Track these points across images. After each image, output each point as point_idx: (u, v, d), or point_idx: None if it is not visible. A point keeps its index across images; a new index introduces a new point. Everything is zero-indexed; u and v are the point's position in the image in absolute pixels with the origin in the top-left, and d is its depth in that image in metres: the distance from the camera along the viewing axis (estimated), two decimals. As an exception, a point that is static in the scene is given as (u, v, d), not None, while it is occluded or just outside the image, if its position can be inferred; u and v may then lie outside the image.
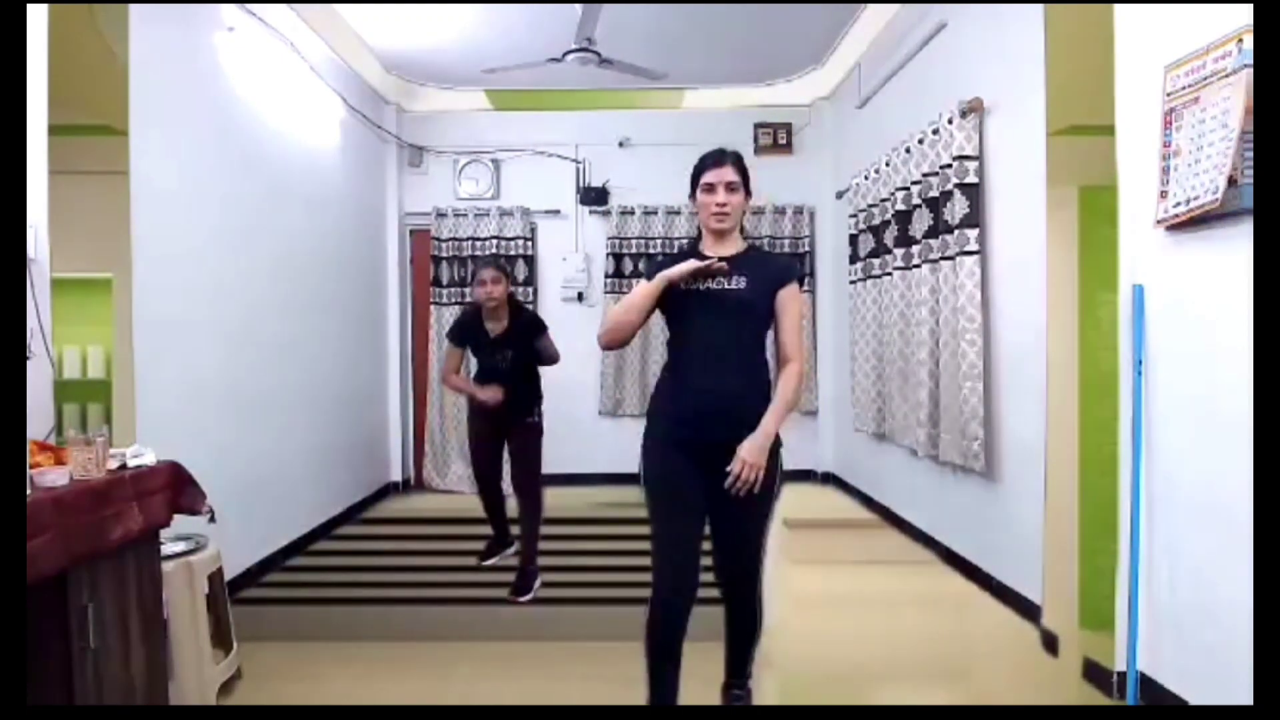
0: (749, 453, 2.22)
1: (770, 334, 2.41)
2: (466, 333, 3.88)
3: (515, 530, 3.97)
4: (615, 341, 2.43)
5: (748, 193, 2.40)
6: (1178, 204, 2.32)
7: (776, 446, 2.34)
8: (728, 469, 2.23)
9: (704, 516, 2.37)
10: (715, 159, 2.38)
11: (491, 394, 3.73)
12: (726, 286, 2.33)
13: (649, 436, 2.42)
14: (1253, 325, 2.06)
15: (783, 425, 2.33)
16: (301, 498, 4.58)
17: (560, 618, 3.58)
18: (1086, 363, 3.22)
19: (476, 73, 5.36)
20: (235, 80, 3.86)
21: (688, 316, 2.36)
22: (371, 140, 5.84)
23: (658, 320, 2.52)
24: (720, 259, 2.33)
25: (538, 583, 3.79)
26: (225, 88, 3.80)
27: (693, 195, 2.42)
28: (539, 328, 3.88)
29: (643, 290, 2.34)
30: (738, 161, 2.39)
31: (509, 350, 3.80)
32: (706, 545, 2.38)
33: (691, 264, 2.31)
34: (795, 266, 2.50)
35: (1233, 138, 2.10)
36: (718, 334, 2.33)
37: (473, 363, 4.02)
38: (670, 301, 2.36)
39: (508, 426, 3.89)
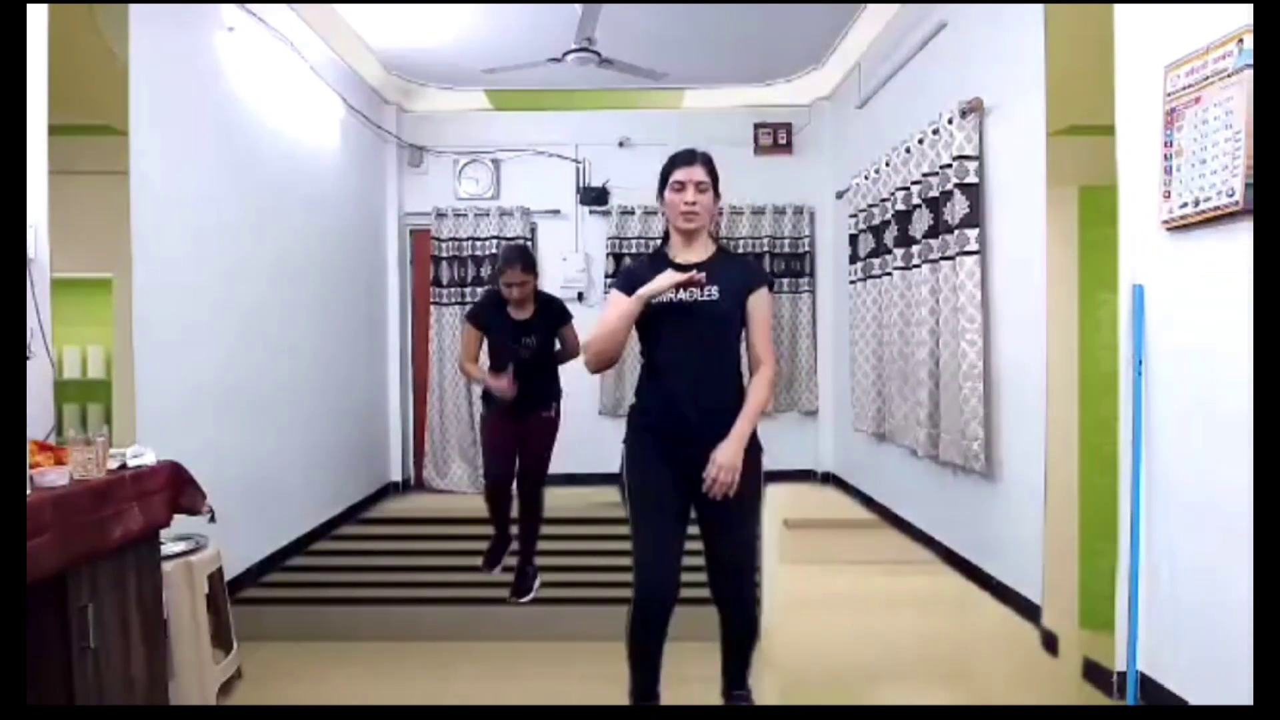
0: (723, 455, 2.23)
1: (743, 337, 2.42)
2: (488, 316, 3.71)
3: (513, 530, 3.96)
4: (603, 364, 2.38)
5: (717, 194, 2.37)
6: (1184, 205, 2.32)
7: (757, 452, 2.36)
8: (704, 474, 2.23)
9: (685, 523, 2.37)
10: (685, 158, 2.34)
11: (505, 385, 3.56)
12: (699, 298, 2.29)
13: (629, 444, 2.43)
14: (1253, 325, 2.06)
15: (763, 423, 2.35)
16: (301, 498, 4.58)
17: (560, 618, 3.58)
18: (1086, 363, 3.22)
19: (476, 73, 5.37)
20: (235, 80, 3.86)
21: (662, 328, 2.34)
22: (371, 140, 5.84)
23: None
24: (693, 266, 2.30)
25: (537, 583, 3.78)
26: (225, 88, 3.80)
27: (661, 194, 2.39)
28: (565, 315, 3.80)
29: (621, 311, 2.28)
30: (708, 162, 2.36)
31: (533, 337, 3.67)
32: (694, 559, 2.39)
33: (669, 277, 2.25)
34: (764, 271, 2.50)
35: (1240, 139, 2.10)
36: (693, 345, 2.32)
37: (483, 354, 3.86)
38: (643, 314, 2.30)
39: (524, 419, 3.75)
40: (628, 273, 2.42)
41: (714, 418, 2.28)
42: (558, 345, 3.83)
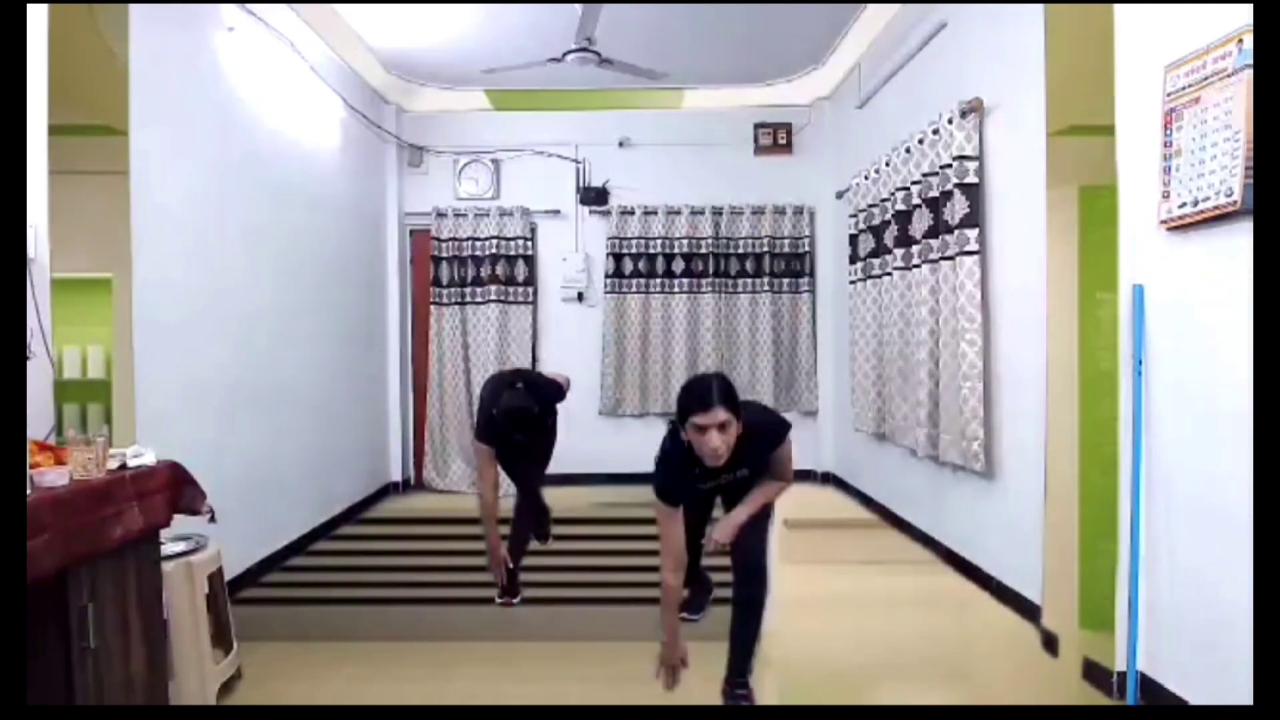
0: (720, 534, 2.55)
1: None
2: (495, 432, 3.55)
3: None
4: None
5: (739, 420, 2.31)
6: (1183, 204, 2.32)
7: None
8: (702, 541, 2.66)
9: (707, 515, 2.68)
10: (701, 402, 2.27)
11: (502, 576, 3.65)
12: (734, 479, 2.53)
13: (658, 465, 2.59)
14: (1253, 325, 2.06)
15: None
16: (301, 498, 4.58)
17: (560, 618, 3.58)
18: (1086, 363, 3.22)
19: (476, 73, 5.37)
20: (235, 80, 3.86)
21: (700, 498, 2.62)
22: (371, 140, 5.84)
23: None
24: (723, 470, 2.43)
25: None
26: (225, 88, 3.80)
27: (682, 425, 2.35)
28: (559, 397, 3.79)
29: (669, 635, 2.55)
30: (725, 395, 2.29)
31: (534, 430, 3.61)
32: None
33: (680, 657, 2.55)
34: (784, 427, 2.56)
35: (1239, 139, 2.10)
36: (727, 499, 2.65)
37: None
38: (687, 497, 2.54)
39: (531, 434, 3.69)
40: (668, 483, 2.47)
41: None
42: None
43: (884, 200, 4.75)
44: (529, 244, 6.20)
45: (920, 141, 4.16)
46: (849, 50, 5.36)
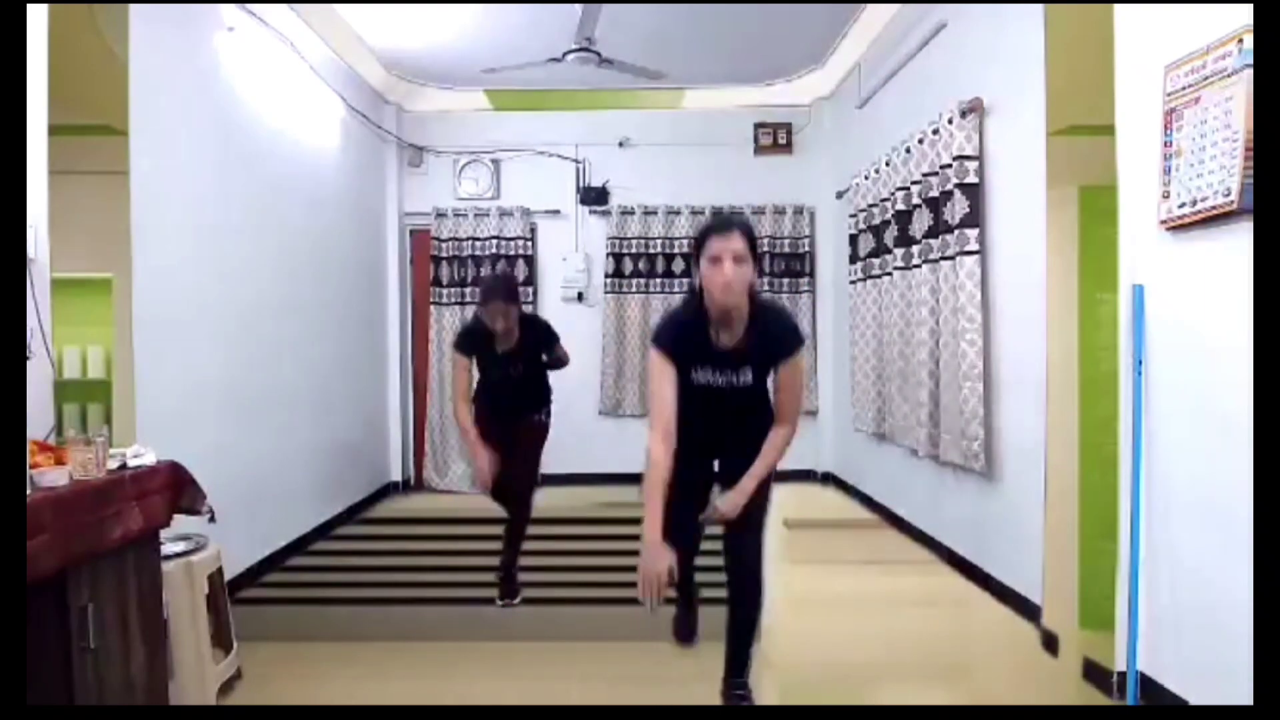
0: (727, 506, 2.38)
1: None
2: (475, 344, 3.71)
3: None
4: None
5: (756, 261, 2.27)
6: (1182, 204, 2.32)
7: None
8: (703, 515, 2.43)
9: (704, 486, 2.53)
10: (721, 227, 2.25)
11: (484, 468, 3.60)
12: (735, 383, 2.36)
13: None
14: (1252, 325, 2.06)
15: None
16: (301, 498, 4.58)
17: (560, 618, 3.58)
18: (1086, 363, 3.22)
19: (476, 73, 5.37)
20: (235, 80, 3.86)
21: (697, 402, 2.36)
22: (371, 140, 5.84)
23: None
24: (730, 350, 2.32)
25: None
26: (225, 88, 3.80)
27: (696, 263, 2.29)
28: (551, 340, 3.81)
29: (651, 528, 2.22)
30: (746, 230, 2.26)
31: (520, 364, 3.70)
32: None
33: (665, 567, 2.15)
34: (800, 335, 2.42)
35: (1238, 139, 2.10)
36: (725, 421, 2.42)
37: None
38: (681, 391, 2.33)
39: (516, 423, 3.77)
40: (669, 332, 2.35)
41: (738, 470, 2.43)
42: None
43: (884, 200, 4.75)
44: (529, 244, 6.20)
45: (920, 141, 4.16)
46: (849, 50, 5.36)
